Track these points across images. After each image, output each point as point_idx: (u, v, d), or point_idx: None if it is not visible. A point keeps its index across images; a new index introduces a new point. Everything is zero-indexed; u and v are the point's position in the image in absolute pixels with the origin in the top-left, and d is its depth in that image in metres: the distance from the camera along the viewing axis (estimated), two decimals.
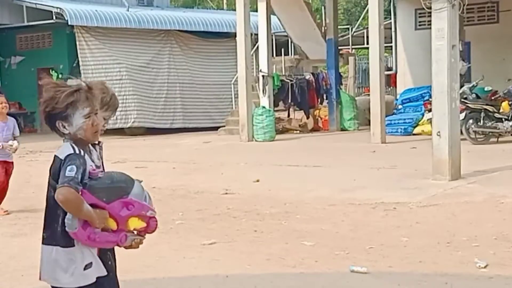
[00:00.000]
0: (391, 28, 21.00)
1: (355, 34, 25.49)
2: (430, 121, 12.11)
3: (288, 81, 19.10)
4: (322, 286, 5.74)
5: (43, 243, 3.43)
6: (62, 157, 3.25)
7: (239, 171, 11.99)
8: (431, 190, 9.40)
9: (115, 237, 3.34)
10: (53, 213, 3.28)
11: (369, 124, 15.80)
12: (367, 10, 17.57)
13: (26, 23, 22.06)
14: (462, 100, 13.70)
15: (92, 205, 3.22)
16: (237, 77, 18.05)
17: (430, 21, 11.05)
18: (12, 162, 9.22)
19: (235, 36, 17.73)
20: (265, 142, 16.73)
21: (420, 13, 19.26)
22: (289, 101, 19.09)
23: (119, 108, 17.68)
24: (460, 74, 11.50)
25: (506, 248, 6.60)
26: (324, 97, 19.80)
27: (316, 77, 19.49)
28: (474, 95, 14.65)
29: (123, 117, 20.97)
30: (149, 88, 21.73)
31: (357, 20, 30.03)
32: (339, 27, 21.57)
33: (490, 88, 15.28)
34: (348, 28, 26.77)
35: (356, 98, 20.48)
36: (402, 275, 5.94)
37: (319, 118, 19.78)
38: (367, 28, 18.51)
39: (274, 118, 17.41)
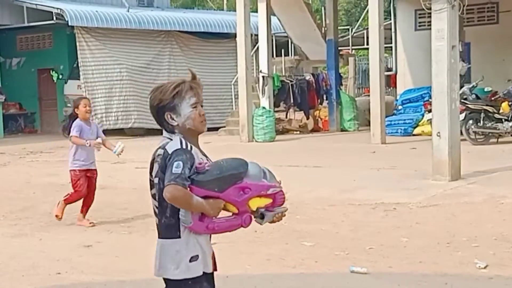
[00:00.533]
0: (391, 29, 21.00)
1: (355, 34, 25.50)
2: (430, 121, 12.12)
3: (288, 81, 19.10)
4: (322, 287, 5.75)
5: (158, 237, 3.41)
6: (170, 151, 3.28)
7: None
8: (431, 190, 9.40)
9: (237, 220, 3.30)
10: (161, 206, 3.33)
11: (369, 125, 15.81)
12: (367, 11, 17.59)
13: (26, 24, 22.05)
14: (462, 100, 13.71)
15: (205, 197, 3.22)
16: (237, 78, 18.07)
17: (430, 22, 11.06)
18: (96, 170, 8.60)
19: (235, 36, 17.75)
20: (265, 142, 16.74)
21: (420, 14, 19.27)
22: (290, 101, 19.10)
23: (119, 108, 17.67)
24: (460, 75, 11.51)
25: (506, 248, 6.62)
26: (324, 98, 19.80)
27: (316, 78, 19.50)
28: (474, 96, 14.66)
29: (123, 117, 20.98)
30: (149, 88, 21.39)
31: (357, 21, 30.05)
32: (339, 27, 21.58)
33: (490, 89, 15.30)
34: (348, 29, 26.78)
35: (356, 99, 20.49)
36: (402, 275, 5.95)
37: (319, 119, 19.79)
38: (367, 28, 18.52)
39: (274, 118, 17.42)
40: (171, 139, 3.42)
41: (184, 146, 3.28)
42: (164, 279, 3.36)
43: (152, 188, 3.45)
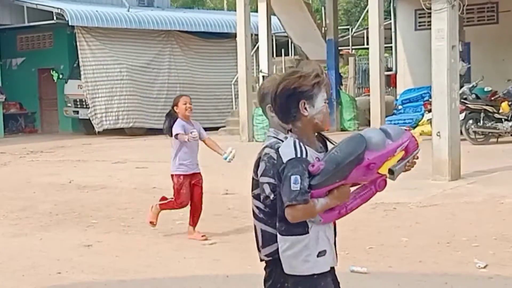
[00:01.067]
0: (391, 29, 21.01)
1: (355, 34, 25.51)
2: (430, 121, 12.13)
3: None
4: None
5: (280, 234, 3.25)
6: (284, 159, 3.08)
7: (240, 171, 12.00)
8: (431, 190, 9.41)
9: (369, 190, 3.14)
10: (281, 205, 3.13)
11: (369, 125, 15.82)
12: (367, 11, 17.61)
13: (26, 24, 22.09)
14: (462, 100, 13.72)
15: (328, 191, 3.06)
16: (237, 78, 18.08)
17: (430, 21, 11.08)
18: (200, 174, 7.74)
19: (236, 36, 17.76)
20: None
21: (420, 14, 19.27)
22: None
23: (119, 108, 17.45)
24: (460, 75, 11.52)
25: (506, 248, 6.62)
26: None
27: None
28: (474, 96, 14.67)
29: (124, 117, 20.99)
30: (149, 88, 21.76)
31: (357, 21, 30.05)
32: (339, 27, 21.59)
33: (489, 89, 15.30)
34: (348, 29, 26.79)
35: (356, 99, 20.50)
36: (402, 275, 5.96)
37: None
38: (367, 28, 18.53)
39: None
40: (281, 140, 3.26)
41: (299, 155, 3.06)
42: (289, 275, 3.25)
43: (256, 188, 3.34)
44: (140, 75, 21.52)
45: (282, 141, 3.28)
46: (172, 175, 7.65)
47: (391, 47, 21.79)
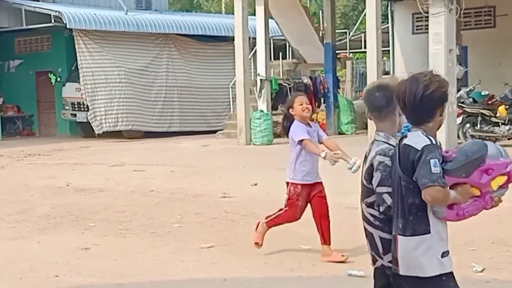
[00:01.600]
0: (388, 33, 21.06)
1: (352, 38, 25.53)
2: None
3: (286, 85, 19.13)
4: None
5: (399, 234, 3.33)
6: (418, 147, 3.22)
7: (237, 175, 12.02)
8: None
9: (480, 202, 3.32)
10: (406, 203, 3.27)
11: (367, 128, 15.84)
12: (365, 14, 17.62)
13: (24, 27, 22.06)
14: (459, 104, 13.75)
15: (452, 185, 3.24)
16: (235, 81, 18.10)
17: (427, 25, 11.13)
18: (321, 183, 6.73)
19: (233, 39, 17.78)
20: (263, 145, 16.77)
21: (417, 18, 19.32)
22: None
23: (119, 110, 17.33)
24: (457, 78, 11.58)
25: (503, 252, 6.64)
26: (322, 101, 19.83)
27: (314, 81, 19.51)
28: (471, 99, 14.70)
29: (123, 119, 20.99)
30: (147, 91, 21.76)
31: (355, 24, 30.09)
32: (336, 31, 21.61)
33: (487, 93, 15.33)
34: (345, 32, 26.81)
35: (354, 102, 20.52)
36: None
37: (316, 122, 19.81)
38: (365, 32, 18.57)
39: (272, 121, 17.45)
40: (393, 146, 3.45)
41: (434, 142, 3.24)
42: (410, 277, 3.28)
43: (369, 196, 3.48)
44: (138, 78, 21.52)
45: (394, 146, 3.45)
46: (287, 183, 6.67)
47: (389, 50, 21.83)
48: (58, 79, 22.79)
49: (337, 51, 20.87)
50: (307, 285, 5.86)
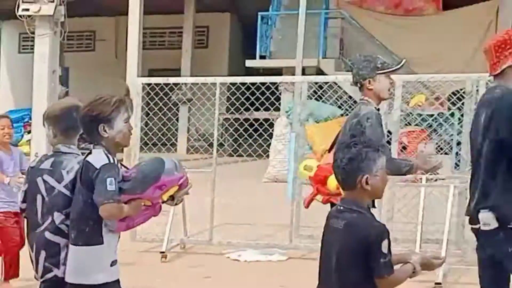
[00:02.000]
0: None
1: None
2: (29, 142, 12.53)
3: None
4: None
5: (71, 244, 3.49)
6: (97, 165, 3.39)
7: None
8: None
9: (151, 211, 3.54)
10: (82, 216, 3.45)
11: None
12: None
13: None
14: None
15: (127, 201, 3.43)
16: None
17: (33, 45, 11.63)
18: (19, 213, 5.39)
19: None
20: None
21: (24, 37, 19.58)
22: None
23: None
24: (59, 98, 12.28)
25: None
26: None
27: None
28: None
29: None
30: None
31: None
32: None
33: None
34: None
35: None
36: None
37: None
38: None
39: None
40: (76, 153, 3.66)
41: (111, 161, 3.43)
42: (78, 285, 3.44)
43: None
44: None
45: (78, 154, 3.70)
46: None
47: None
48: None
49: None
50: None
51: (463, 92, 7.21)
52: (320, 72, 14.93)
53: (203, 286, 6.51)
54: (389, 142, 5.50)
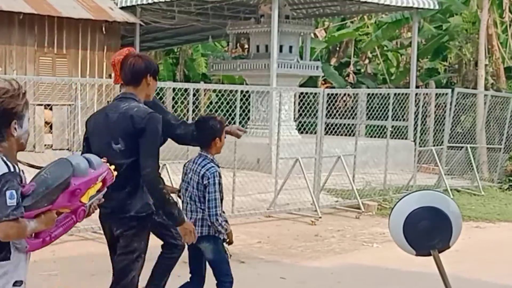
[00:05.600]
0: None
1: None
2: None
3: None
4: None
5: None
6: None
7: None
8: None
9: (71, 219, 3.18)
10: None
11: None
12: None
13: None
14: None
15: (36, 215, 2.97)
16: None
17: None
18: None
19: None
20: None
21: None
22: None
23: None
24: None
25: None
26: None
27: None
28: None
29: None
30: None
31: None
32: None
33: None
34: None
35: None
36: None
37: None
38: None
39: None
40: None
41: (12, 169, 2.92)
42: None
43: None
44: None
45: None
46: None
47: None
48: None
49: None
50: None
51: None
52: None
53: None
54: None
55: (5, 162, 2.92)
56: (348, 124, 16.18)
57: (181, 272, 5.32)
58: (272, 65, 15.71)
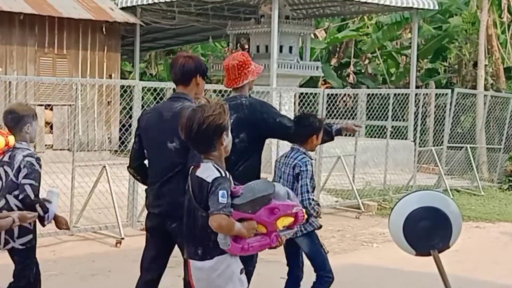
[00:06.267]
0: None
1: None
2: None
3: None
4: None
5: (197, 260, 3.51)
6: (209, 180, 3.37)
7: None
8: None
9: (266, 240, 3.48)
10: (205, 232, 3.41)
11: None
12: None
13: None
14: None
15: (239, 220, 3.38)
16: None
17: None
18: None
19: None
20: None
21: None
22: None
23: None
24: None
25: None
26: None
27: None
28: None
29: None
30: None
31: None
32: None
33: None
34: None
35: None
36: None
37: None
38: None
39: None
40: (29, 149, 4.52)
41: (223, 174, 3.42)
42: None
43: (15, 190, 4.38)
44: None
45: (35, 152, 4.51)
46: None
47: None
48: None
49: None
50: None
51: None
52: None
53: None
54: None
55: (217, 169, 3.42)
56: None
57: (181, 272, 5.31)
58: (272, 66, 15.72)
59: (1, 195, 4.61)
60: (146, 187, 4.58)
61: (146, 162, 4.57)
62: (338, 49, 25.42)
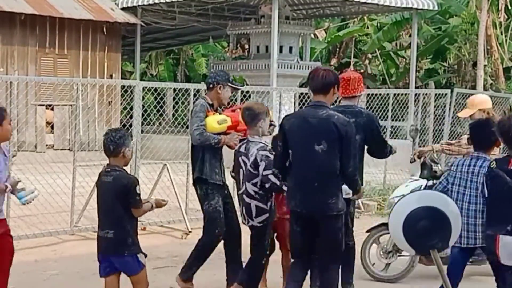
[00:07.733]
0: None
1: None
2: None
3: None
4: None
5: (503, 234, 4.28)
6: None
7: None
8: None
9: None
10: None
11: None
12: None
13: None
14: None
15: None
16: None
17: None
18: (5, 221, 5.18)
19: None
20: None
21: None
22: None
23: None
24: None
25: None
26: None
27: None
28: None
29: None
30: None
31: None
32: None
33: None
34: None
35: None
36: None
37: None
38: None
39: None
40: (263, 143, 5.43)
41: None
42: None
43: (254, 178, 5.39)
44: None
45: (266, 145, 5.38)
46: None
47: None
48: None
49: None
50: None
51: None
52: None
53: None
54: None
55: None
56: None
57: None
58: (272, 66, 15.76)
59: (242, 182, 5.58)
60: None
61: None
62: (338, 49, 25.45)
